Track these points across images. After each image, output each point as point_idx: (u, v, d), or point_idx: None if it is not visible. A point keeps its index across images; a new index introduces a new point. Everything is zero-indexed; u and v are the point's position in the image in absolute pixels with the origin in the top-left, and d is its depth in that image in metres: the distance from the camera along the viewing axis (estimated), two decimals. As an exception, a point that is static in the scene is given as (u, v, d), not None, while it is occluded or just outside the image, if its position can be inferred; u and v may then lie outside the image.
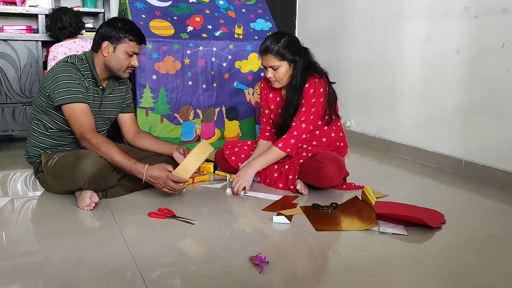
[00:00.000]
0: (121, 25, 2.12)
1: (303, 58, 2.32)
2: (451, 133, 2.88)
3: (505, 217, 2.08)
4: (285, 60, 2.27)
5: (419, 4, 3.08)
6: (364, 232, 1.83)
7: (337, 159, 2.29)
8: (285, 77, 2.32)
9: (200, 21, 3.18)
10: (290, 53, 2.27)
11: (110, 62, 2.15)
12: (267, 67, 2.31)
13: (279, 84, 2.35)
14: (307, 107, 2.29)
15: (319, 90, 2.29)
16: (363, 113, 3.68)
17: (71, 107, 2.06)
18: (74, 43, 3.12)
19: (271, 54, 2.26)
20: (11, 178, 2.54)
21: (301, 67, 2.30)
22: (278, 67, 2.27)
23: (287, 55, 2.26)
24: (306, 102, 2.29)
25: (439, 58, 2.94)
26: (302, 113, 2.30)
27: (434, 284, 1.45)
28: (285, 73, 2.30)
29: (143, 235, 1.78)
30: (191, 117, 3.13)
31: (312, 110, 2.29)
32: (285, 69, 2.29)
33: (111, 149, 2.02)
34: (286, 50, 2.25)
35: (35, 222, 1.92)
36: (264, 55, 2.30)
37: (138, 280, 1.41)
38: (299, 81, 2.31)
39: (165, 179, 2.02)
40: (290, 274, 1.49)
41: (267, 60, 2.29)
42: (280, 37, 2.28)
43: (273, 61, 2.27)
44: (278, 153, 2.31)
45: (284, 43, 2.26)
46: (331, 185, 2.31)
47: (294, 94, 2.32)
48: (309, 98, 2.29)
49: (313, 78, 2.30)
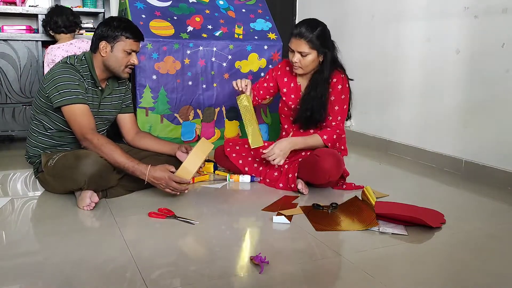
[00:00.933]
0: (116, 23, 2.11)
1: (331, 51, 2.34)
2: (451, 133, 2.88)
3: (505, 217, 2.08)
4: (315, 49, 2.27)
5: (419, 4, 3.08)
6: (364, 232, 1.83)
7: (334, 154, 2.27)
8: (310, 66, 2.32)
9: (200, 21, 3.18)
10: (322, 44, 2.27)
11: (108, 61, 2.15)
12: (296, 51, 2.28)
13: (302, 71, 2.35)
14: (340, 105, 2.34)
15: (345, 86, 2.34)
16: (363, 113, 3.68)
17: (71, 108, 2.06)
18: (71, 45, 3.12)
19: (305, 40, 2.25)
20: (11, 178, 2.54)
21: (329, 60, 2.32)
22: (307, 54, 2.27)
23: (318, 45, 2.26)
24: (337, 99, 2.33)
25: (439, 58, 2.94)
26: (338, 112, 2.34)
27: (434, 284, 1.45)
28: (311, 62, 2.30)
29: (143, 235, 1.78)
30: (191, 117, 3.13)
31: (344, 108, 2.35)
32: (312, 58, 2.29)
33: (114, 150, 2.02)
34: (318, 40, 2.26)
35: (35, 222, 1.92)
36: (296, 39, 2.27)
37: (138, 280, 1.41)
38: (324, 74, 2.32)
39: (168, 180, 2.02)
40: (290, 274, 1.49)
41: (299, 45, 2.27)
42: (316, 26, 2.28)
43: (304, 47, 2.26)
44: (319, 142, 2.34)
45: (318, 32, 2.26)
46: (329, 180, 2.28)
47: (321, 87, 2.32)
48: (339, 94, 2.33)
49: (339, 73, 2.34)
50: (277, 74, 2.53)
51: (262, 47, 3.20)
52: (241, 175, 2.49)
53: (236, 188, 2.41)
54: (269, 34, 3.28)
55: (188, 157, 2.11)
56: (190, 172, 2.09)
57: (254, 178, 2.47)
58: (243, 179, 2.47)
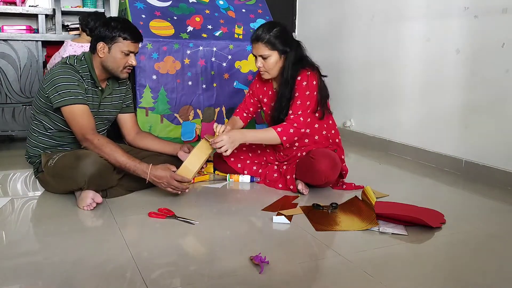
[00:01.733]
0: (114, 24, 2.10)
1: (294, 50, 2.28)
2: (451, 133, 2.88)
3: (505, 217, 2.08)
4: (275, 50, 2.23)
5: (419, 4, 3.08)
6: (364, 232, 1.83)
7: (329, 154, 2.26)
8: (275, 68, 2.27)
9: (200, 21, 3.18)
10: (281, 43, 2.23)
11: (106, 62, 2.14)
12: (258, 56, 2.26)
13: (268, 75, 2.31)
14: (302, 100, 2.25)
15: (312, 82, 2.25)
16: (363, 113, 3.68)
17: (71, 109, 2.06)
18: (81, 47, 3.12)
19: (262, 42, 2.22)
20: (11, 178, 2.54)
21: (292, 59, 2.26)
22: (268, 56, 2.23)
23: (278, 45, 2.22)
24: (300, 95, 2.25)
25: (439, 58, 2.94)
26: (299, 106, 2.25)
27: (434, 284, 1.45)
28: (275, 64, 2.26)
29: (143, 235, 1.78)
30: (191, 117, 3.13)
31: (307, 104, 2.25)
32: (275, 59, 2.25)
33: (115, 150, 2.03)
34: (277, 40, 2.22)
35: (35, 222, 1.92)
36: (254, 43, 2.26)
37: (138, 280, 1.41)
38: (290, 73, 2.26)
39: (169, 178, 2.02)
40: (290, 274, 1.49)
41: (258, 49, 2.24)
42: (272, 27, 2.24)
43: (263, 50, 2.23)
44: (273, 136, 2.24)
45: (276, 32, 2.22)
46: (326, 181, 2.27)
47: (286, 87, 2.28)
48: (303, 90, 2.25)
49: (305, 70, 2.26)
50: (256, 88, 2.51)
51: (262, 47, 3.19)
52: (241, 175, 2.49)
53: (236, 188, 2.41)
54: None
55: (189, 157, 2.11)
56: (191, 171, 2.09)
57: (254, 178, 2.47)
58: (243, 179, 2.47)
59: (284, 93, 2.29)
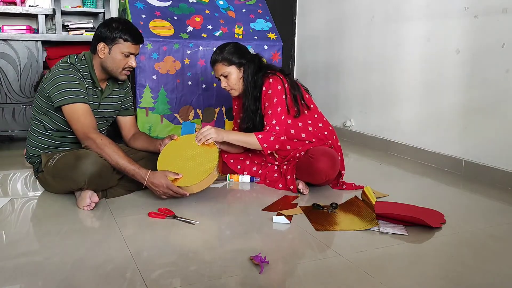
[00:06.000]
0: (115, 25, 2.10)
1: (251, 61, 2.33)
2: (451, 133, 2.88)
3: (505, 217, 2.08)
4: (232, 64, 2.30)
5: (419, 4, 3.08)
6: (364, 232, 1.83)
7: (328, 152, 2.26)
8: (238, 83, 2.34)
9: (200, 21, 3.18)
10: (236, 57, 2.30)
11: (106, 63, 2.14)
12: (219, 76, 2.34)
13: (235, 92, 2.37)
14: (273, 109, 2.28)
15: (276, 88, 2.28)
16: (363, 113, 3.68)
17: (72, 108, 2.05)
18: None
19: (219, 62, 2.30)
20: (11, 178, 2.54)
21: (252, 70, 2.32)
22: (228, 73, 2.31)
23: (233, 59, 2.30)
24: (270, 104, 2.29)
25: (439, 58, 2.94)
26: (271, 116, 2.28)
27: (434, 284, 1.45)
28: (237, 79, 2.33)
29: (143, 235, 1.78)
30: (191, 117, 3.13)
31: (278, 110, 2.28)
32: (235, 75, 2.32)
33: (116, 152, 2.02)
34: (231, 56, 2.30)
35: (35, 222, 1.92)
36: (213, 66, 2.34)
37: (138, 280, 1.41)
38: (252, 84, 2.31)
39: (165, 188, 2.01)
40: (290, 274, 1.49)
41: (217, 70, 2.33)
42: (224, 46, 2.33)
43: (222, 68, 2.31)
44: (254, 142, 2.26)
45: (229, 49, 2.31)
46: (326, 179, 2.27)
47: (251, 99, 2.33)
48: (270, 99, 2.28)
49: (267, 78, 2.31)
50: (234, 108, 2.58)
51: (262, 47, 3.20)
52: (241, 175, 2.49)
53: (236, 188, 2.41)
54: (269, 34, 3.28)
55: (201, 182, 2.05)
56: (193, 191, 2.07)
57: (254, 178, 2.47)
58: (243, 179, 2.47)
59: (249, 105, 2.34)
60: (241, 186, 2.44)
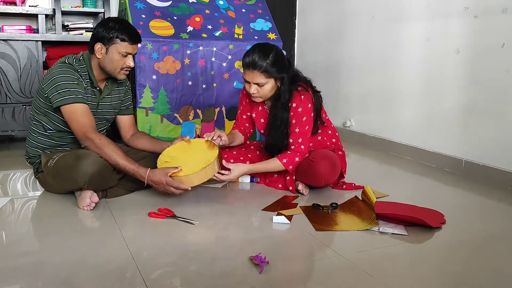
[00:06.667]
0: (112, 25, 2.09)
1: (289, 74, 2.20)
2: (451, 133, 2.88)
3: (505, 217, 2.08)
4: (271, 77, 2.14)
5: (419, 4, 3.08)
6: (364, 232, 1.83)
7: (329, 156, 2.26)
8: (269, 93, 2.20)
9: (200, 21, 3.18)
10: (276, 70, 2.14)
11: (104, 63, 2.13)
12: (253, 83, 2.16)
13: (261, 99, 2.24)
14: (301, 128, 2.21)
15: (306, 106, 2.20)
16: (363, 113, 3.68)
17: (71, 108, 2.05)
18: None
19: (259, 71, 2.11)
20: (11, 178, 2.54)
21: (287, 84, 2.19)
22: (264, 84, 2.15)
23: (274, 73, 2.13)
24: (298, 122, 2.21)
25: (439, 58, 2.94)
26: (298, 134, 2.22)
27: (434, 284, 1.45)
28: (270, 90, 2.19)
29: (143, 235, 1.78)
30: (191, 117, 3.13)
31: (306, 129, 2.23)
32: (270, 86, 2.17)
33: (115, 151, 2.02)
34: (274, 68, 2.12)
35: (35, 222, 1.92)
36: (250, 70, 2.13)
37: (138, 280, 1.41)
38: (284, 96, 2.19)
39: (165, 185, 2.00)
40: (290, 274, 1.49)
41: (254, 77, 2.13)
42: (268, 52, 2.13)
43: (260, 79, 2.13)
44: (279, 167, 2.25)
45: (272, 58, 2.11)
46: (326, 183, 2.28)
47: (283, 112, 2.22)
48: (300, 117, 2.20)
49: (298, 94, 2.19)
50: (243, 105, 2.46)
51: (262, 47, 3.19)
52: (241, 175, 2.48)
53: (236, 188, 2.41)
54: (269, 34, 3.28)
55: (199, 172, 2.03)
56: (192, 183, 2.05)
57: (254, 178, 2.47)
58: (243, 179, 2.47)
59: (282, 118, 2.22)
60: (241, 186, 2.44)
